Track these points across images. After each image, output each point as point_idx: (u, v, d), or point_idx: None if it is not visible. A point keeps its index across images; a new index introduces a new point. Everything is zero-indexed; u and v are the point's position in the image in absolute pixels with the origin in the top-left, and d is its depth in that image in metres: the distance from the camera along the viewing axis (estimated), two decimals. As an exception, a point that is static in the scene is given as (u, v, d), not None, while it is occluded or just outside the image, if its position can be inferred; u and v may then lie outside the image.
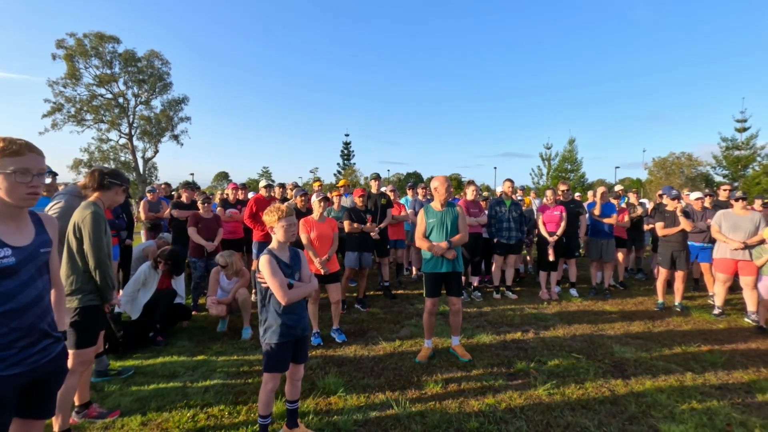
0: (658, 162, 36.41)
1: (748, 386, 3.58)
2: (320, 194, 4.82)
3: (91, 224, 2.69)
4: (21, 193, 1.57)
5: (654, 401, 3.28)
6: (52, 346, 1.73)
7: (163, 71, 37.39)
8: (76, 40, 33.58)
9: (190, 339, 4.70)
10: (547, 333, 4.87)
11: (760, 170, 27.49)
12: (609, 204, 6.88)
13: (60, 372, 1.80)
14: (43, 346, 1.68)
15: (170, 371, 3.84)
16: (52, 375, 1.75)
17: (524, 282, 7.75)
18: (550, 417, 3.06)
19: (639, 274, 8.37)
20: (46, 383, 1.73)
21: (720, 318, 5.52)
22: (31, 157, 1.61)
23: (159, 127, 37.77)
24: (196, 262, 5.78)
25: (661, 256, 6.15)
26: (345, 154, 53.14)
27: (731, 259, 5.46)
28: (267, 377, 2.64)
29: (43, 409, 1.76)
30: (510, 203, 6.58)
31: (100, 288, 2.75)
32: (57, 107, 34.20)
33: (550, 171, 33.26)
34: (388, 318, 5.45)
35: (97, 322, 2.79)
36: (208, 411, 3.13)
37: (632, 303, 6.31)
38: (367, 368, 3.90)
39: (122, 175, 3.09)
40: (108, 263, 2.77)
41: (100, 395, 3.36)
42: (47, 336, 1.71)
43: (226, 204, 6.82)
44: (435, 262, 4.11)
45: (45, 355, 1.69)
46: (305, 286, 2.67)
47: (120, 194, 3.01)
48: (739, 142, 28.41)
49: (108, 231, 2.84)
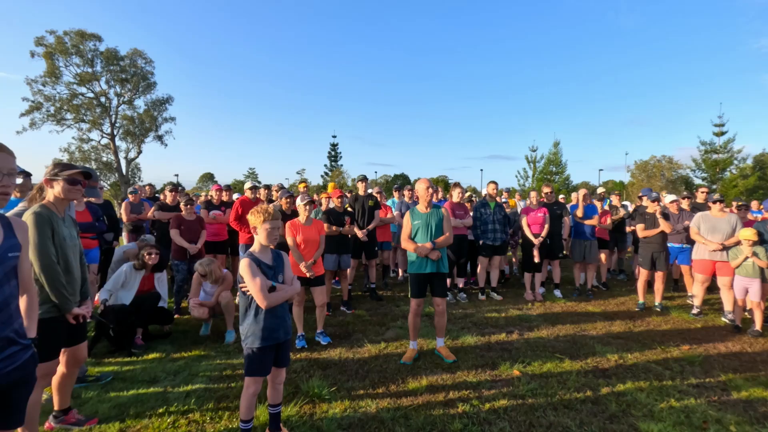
0: (640, 165, 37.24)
1: (724, 384, 3.67)
2: (305, 197, 4.78)
3: (32, 228, 2.40)
4: None
5: (634, 400, 3.34)
6: (19, 353, 1.68)
7: (147, 70, 36.79)
8: (56, 37, 32.79)
9: (171, 343, 4.61)
10: (531, 334, 4.92)
11: (737, 173, 28.31)
12: (591, 206, 6.99)
13: (28, 380, 1.75)
14: (8, 354, 1.63)
15: (150, 376, 3.76)
16: (19, 384, 1.70)
17: (509, 283, 7.82)
18: (533, 417, 3.08)
19: (621, 275, 8.52)
20: (12, 392, 1.67)
21: (698, 318, 5.65)
22: (1, 156, 1.58)
23: (142, 128, 37.10)
24: (178, 265, 5.69)
25: (642, 257, 6.27)
26: (332, 155, 52.93)
27: (709, 260, 5.59)
28: (249, 381, 2.61)
29: (10, 418, 1.69)
30: (495, 205, 6.64)
31: (53, 297, 2.49)
32: (36, 106, 33.31)
33: (536, 173, 33.67)
34: (373, 320, 5.44)
35: (54, 335, 2.55)
36: (189, 416, 3.07)
37: (614, 303, 6.42)
38: (351, 371, 3.88)
39: (70, 165, 2.66)
40: (56, 269, 2.49)
41: (77, 402, 3.27)
42: (13, 343, 1.65)
43: (210, 206, 6.73)
44: (420, 263, 4.13)
45: (10, 363, 1.64)
46: (287, 290, 2.64)
47: (69, 188, 2.57)
48: (717, 146, 29.19)
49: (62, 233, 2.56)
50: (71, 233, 2.69)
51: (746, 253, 5.14)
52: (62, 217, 2.63)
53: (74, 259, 2.67)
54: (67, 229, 2.64)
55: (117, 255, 5.83)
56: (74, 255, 2.68)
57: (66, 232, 2.62)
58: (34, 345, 1.81)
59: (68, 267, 2.61)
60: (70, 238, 2.64)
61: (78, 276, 2.71)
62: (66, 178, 2.56)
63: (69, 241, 2.63)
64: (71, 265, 2.64)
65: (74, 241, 2.70)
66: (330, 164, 52.46)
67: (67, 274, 2.59)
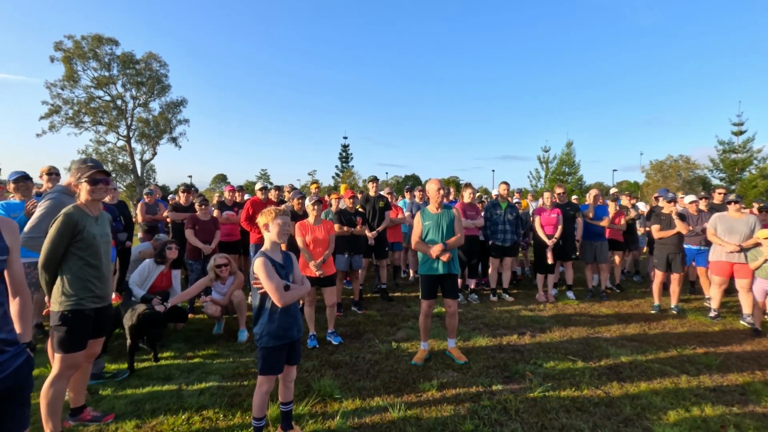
0: (656, 165, 36.50)
1: (743, 388, 3.59)
2: (313, 197, 4.82)
3: (55, 226, 2.58)
4: None
5: (649, 403, 3.29)
6: (9, 361, 1.61)
7: (161, 73, 37.38)
8: (74, 42, 33.54)
9: (185, 341, 4.68)
10: (543, 335, 4.87)
11: (757, 173, 27.57)
12: (602, 207, 6.91)
13: (22, 387, 1.67)
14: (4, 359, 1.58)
15: (165, 374, 3.82)
16: (12, 390, 1.61)
17: (521, 284, 7.76)
18: (545, 419, 3.06)
19: (636, 276, 8.39)
20: (4, 401, 1.59)
21: (715, 320, 5.53)
22: None
23: (157, 130, 37.72)
24: (192, 265, 5.77)
25: (657, 258, 6.16)
26: (343, 156, 53.17)
27: (727, 261, 5.48)
28: (262, 379, 2.65)
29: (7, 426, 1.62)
30: (506, 206, 6.60)
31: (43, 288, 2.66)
32: (55, 109, 34.11)
33: (548, 174, 33.30)
34: (384, 320, 5.45)
35: (82, 326, 2.66)
36: (203, 414, 3.12)
37: (628, 305, 6.32)
38: (362, 371, 3.89)
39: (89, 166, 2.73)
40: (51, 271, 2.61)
41: (94, 398, 3.35)
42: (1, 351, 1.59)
43: (223, 206, 6.81)
44: (431, 264, 4.13)
45: (6, 367, 1.58)
46: (300, 288, 2.68)
47: (92, 189, 2.69)
48: (735, 146, 28.50)
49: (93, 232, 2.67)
50: (103, 231, 2.82)
51: (766, 254, 5.02)
52: (95, 216, 2.77)
53: (105, 256, 2.80)
54: (99, 227, 2.77)
55: (134, 254, 5.94)
56: (105, 252, 2.81)
57: (98, 230, 2.75)
58: (29, 349, 1.75)
59: (98, 263, 2.73)
60: (101, 236, 2.77)
61: (108, 274, 2.85)
62: (87, 180, 2.69)
63: (100, 239, 2.75)
64: (101, 262, 2.76)
65: (105, 239, 2.83)
66: (341, 165, 52.68)
67: (95, 270, 2.73)
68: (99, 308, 2.77)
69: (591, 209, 6.77)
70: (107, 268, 2.84)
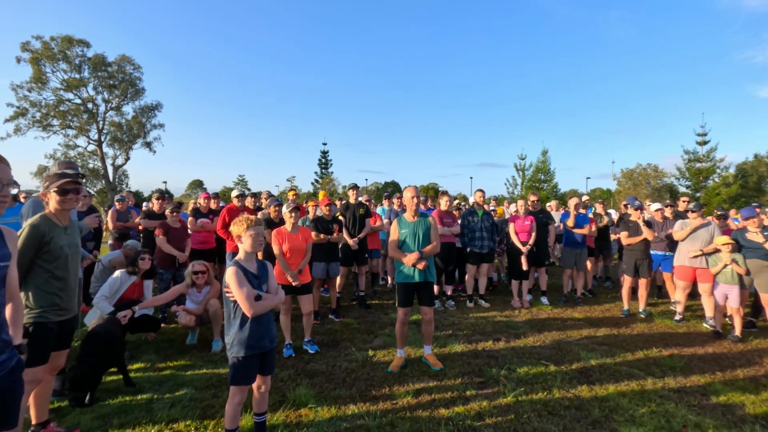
0: (626, 173, 37.85)
1: (704, 389, 3.75)
2: (291, 205, 4.80)
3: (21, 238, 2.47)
4: None
5: (616, 405, 3.40)
6: (8, 361, 1.72)
7: (135, 76, 36.50)
8: (43, 43, 32.43)
9: (157, 352, 4.56)
10: (517, 341, 4.97)
11: (720, 181, 28.96)
12: (583, 215, 7.12)
13: (15, 386, 1.77)
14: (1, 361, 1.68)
15: (135, 386, 3.72)
16: (8, 389, 1.73)
17: (497, 290, 7.89)
18: (517, 423, 3.12)
19: (607, 282, 8.65)
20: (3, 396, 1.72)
21: (681, 324, 5.76)
22: (1, 167, 1.66)
23: (130, 134, 36.72)
24: (163, 274, 5.63)
25: (626, 264, 6.39)
26: (323, 162, 52.96)
27: (690, 266, 5.73)
28: (234, 390, 2.61)
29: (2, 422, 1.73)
30: (482, 213, 6.72)
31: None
32: (21, 112, 32.82)
33: (525, 181, 34.02)
34: (361, 328, 5.44)
35: (45, 339, 2.59)
36: (174, 427, 3.05)
37: (599, 310, 6.52)
38: (338, 379, 3.88)
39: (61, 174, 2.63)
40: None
41: (59, 414, 3.23)
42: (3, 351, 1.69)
43: (198, 213, 6.70)
44: (407, 272, 4.16)
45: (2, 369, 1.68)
46: (272, 298, 2.66)
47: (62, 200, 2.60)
48: (700, 155, 29.85)
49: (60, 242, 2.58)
50: (72, 241, 2.73)
51: (725, 260, 5.28)
52: (64, 226, 2.68)
53: (72, 267, 2.72)
54: (67, 237, 2.69)
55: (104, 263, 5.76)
56: (73, 263, 2.73)
57: (66, 240, 2.66)
58: (18, 351, 1.83)
59: (64, 275, 2.64)
60: (69, 247, 2.68)
61: (74, 285, 2.76)
62: (56, 190, 2.60)
63: (68, 249, 2.67)
64: (69, 273, 2.67)
65: (74, 249, 2.74)
66: (320, 171, 52.45)
67: (61, 282, 2.64)
68: (63, 321, 2.68)
69: (572, 217, 6.97)
70: (74, 279, 2.75)
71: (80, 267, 3.08)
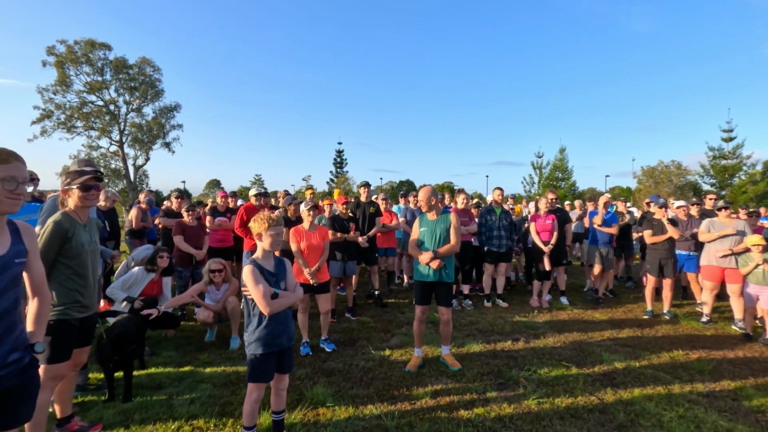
0: (647, 171, 36.88)
1: (735, 393, 3.60)
2: (309, 203, 4.80)
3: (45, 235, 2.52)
4: (7, 201, 1.63)
5: (642, 409, 3.29)
6: (21, 360, 1.72)
7: (155, 78, 37.23)
8: (67, 47, 33.35)
9: (176, 349, 4.62)
10: (537, 341, 4.87)
11: (746, 179, 28.02)
12: (612, 214, 6.97)
13: (29, 383, 1.77)
14: (13, 360, 1.67)
15: (155, 383, 3.76)
16: (21, 386, 1.72)
17: (515, 290, 7.77)
18: (539, 426, 3.04)
19: (629, 282, 8.43)
20: (12, 394, 1.70)
21: (708, 326, 5.57)
22: (17, 165, 1.67)
23: (150, 135, 37.49)
24: (181, 272, 5.71)
25: (649, 263, 6.20)
26: (338, 162, 53.24)
27: (718, 266, 5.52)
28: (251, 387, 2.61)
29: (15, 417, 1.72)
30: (500, 211, 6.61)
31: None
32: (47, 114, 33.83)
33: (542, 179, 33.56)
34: (378, 327, 5.42)
35: (67, 336, 2.62)
36: (193, 423, 3.07)
37: (621, 311, 6.35)
38: (356, 378, 3.86)
39: (81, 171, 2.66)
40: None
41: (83, 408, 3.29)
42: (16, 349, 1.69)
43: (215, 212, 6.77)
44: (423, 270, 4.11)
45: (14, 367, 1.68)
46: (289, 296, 2.65)
47: (84, 196, 2.63)
48: (725, 152, 28.94)
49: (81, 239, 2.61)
50: (91, 238, 2.76)
51: (757, 260, 5.07)
52: (84, 223, 2.72)
53: (92, 264, 2.75)
54: (87, 234, 2.72)
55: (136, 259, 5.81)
56: (93, 260, 2.76)
57: (86, 237, 2.70)
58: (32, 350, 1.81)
59: (84, 273, 2.67)
60: (89, 244, 2.71)
61: (95, 282, 2.80)
62: (79, 186, 2.64)
63: (88, 246, 2.69)
64: (88, 270, 2.70)
65: (93, 246, 2.77)
66: (335, 171, 52.70)
67: (82, 279, 2.67)
68: (84, 318, 2.72)
69: (600, 216, 6.82)
70: (95, 276, 2.79)
71: (100, 265, 3.12)
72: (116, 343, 3.43)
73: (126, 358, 3.51)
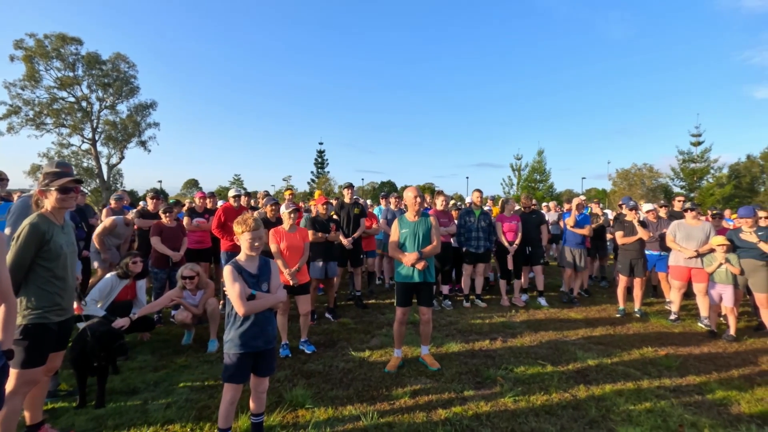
0: (622, 173, 38.09)
1: (700, 388, 3.77)
2: (290, 205, 4.78)
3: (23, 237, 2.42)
4: None
5: (613, 404, 3.41)
6: None
7: (130, 75, 36.33)
8: (36, 41, 32.19)
9: (152, 353, 4.53)
10: (514, 341, 4.97)
11: (714, 182, 29.25)
12: (585, 216, 7.17)
13: None
14: None
15: (130, 387, 3.68)
16: None
17: (494, 290, 7.90)
18: (515, 423, 3.12)
19: (603, 281, 8.68)
20: None
21: (676, 323, 5.79)
22: None
23: (125, 133, 36.52)
24: (158, 273, 5.59)
25: (621, 263, 6.42)
26: (319, 162, 52.90)
27: (685, 266, 5.76)
28: (226, 388, 2.61)
29: None
30: (479, 213, 6.73)
31: None
32: (14, 110, 32.57)
33: (521, 181, 34.15)
34: (358, 328, 5.43)
35: (43, 340, 2.54)
36: (169, 428, 3.02)
37: (596, 310, 6.54)
38: (335, 379, 3.87)
39: (60, 173, 2.59)
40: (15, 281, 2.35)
41: (53, 415, 3.19)
42: None
43: (193, 213, 6.65)
44: (407, 272, 4.15)
45: None
46: (267, 298, 2.64)
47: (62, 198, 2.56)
48: (694, 156, 30.14)
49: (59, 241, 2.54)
50: (69, 240, 2.70)
51: (720, 259, 5.31)
52: (61, 225, 2.65)
53: (71, 266, 2.68)
54: (65, 236, 2.66)
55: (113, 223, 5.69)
56: (71, 262, 2.69)
57: (64, 239, 2.63)
58: (6, 357, 1.76)
59: (63, 275, 2.61)
60: (67, 245, 2.65)
61: (73, 285, 2.73)
62: (58, 188, 2.56)
63: (66, 248, 2.63)
64: (67, 272, 2.64)
65: (72, 248, 2.71)
66: (317, 171, 52.37)
67: (61, 282, 2.60)
68: (62, 321, 2.65)
69: (572, 217, 7.00)
70: (72, 278, 2.72)
71: (78, 267, 3.06)
72: (104, 340, 3.37)
73: (113, 355, 3.48)
